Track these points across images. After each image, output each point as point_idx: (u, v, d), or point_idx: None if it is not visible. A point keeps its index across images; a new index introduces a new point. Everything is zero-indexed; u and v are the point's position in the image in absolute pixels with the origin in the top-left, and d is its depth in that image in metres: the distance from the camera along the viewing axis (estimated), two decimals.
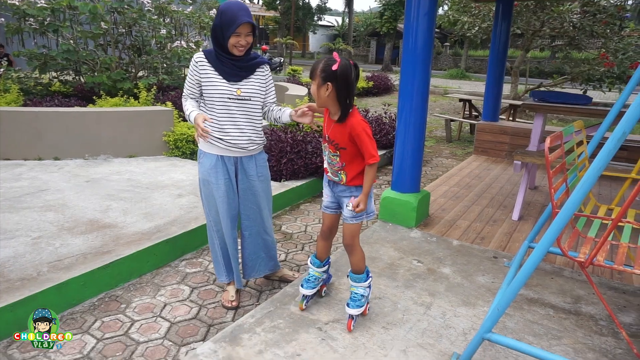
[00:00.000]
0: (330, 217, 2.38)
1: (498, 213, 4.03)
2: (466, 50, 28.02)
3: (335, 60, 2.00)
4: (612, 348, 2.23)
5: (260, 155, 2.59)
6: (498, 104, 6.34)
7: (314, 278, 2.45)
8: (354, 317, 2.29)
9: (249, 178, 2.54)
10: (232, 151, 2.43)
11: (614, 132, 1.51)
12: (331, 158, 2.19)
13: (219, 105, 2.36)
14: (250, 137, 2.45)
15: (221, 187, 2.46)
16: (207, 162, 2.45)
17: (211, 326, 2.51)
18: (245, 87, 2.40)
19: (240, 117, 2.40)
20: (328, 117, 2.18)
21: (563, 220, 1.64)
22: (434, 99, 14.36)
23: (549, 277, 2.91)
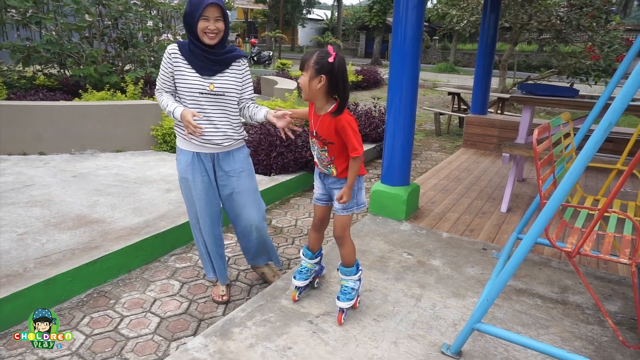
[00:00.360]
0: (321, 209, 2.38)
1: (487, 205, 4.06)
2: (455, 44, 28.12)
3: (330, 54, 1.98)
4: (599, 336, 2.27)
5: (239, 151, 2.47)
6: (486, 97, 6.38)
7: (306, 269, 2.47)
8: (344, 310, 2.29)
9: (228, 174, 2.44)
10: (207, 148, 2.34)
11: (600, 123, 1.53)
12: (320, 153, 2.19)
13: (190, 101, 2.25)
14: (226, 132, 2.34)
15: (198, 184, 2.39)
16: (183, 160, 2.37)
17: (202, 321, 2.50)
18: (219, 81, 2.27)
19: (213, 113, 2.29)
20: (314, 113, 2.15)
21: (551, 211, 1.66)
22: (423, 92, 14.40)
23: (537, 268, 2.95)
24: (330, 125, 2.07)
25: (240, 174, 2.46)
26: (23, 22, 6.65)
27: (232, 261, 3.15)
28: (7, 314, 2.36)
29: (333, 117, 2.05)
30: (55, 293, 2.59)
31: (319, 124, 2.11)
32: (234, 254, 3.26)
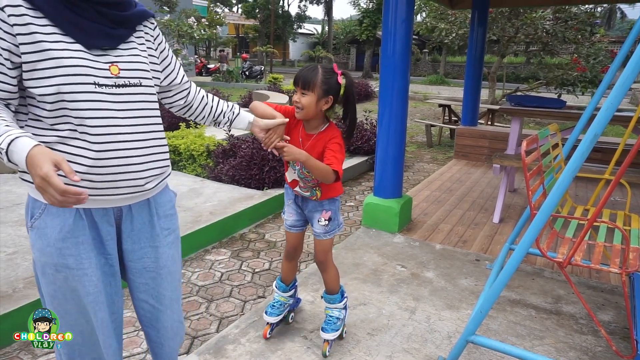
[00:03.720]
0: (296, 236, 2.19)
1: (479, 216, 4.09)
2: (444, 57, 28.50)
3: (335, 72, 1.83)
4: (592, 346, 2.27)
5: (164, 196, 1.43)
6: (476, 109, 6.46)
7: (279, 304, 2.26)
8: (330, 341, 2.15)
9: (149, 244, 1.39)
10: (111, 197, 1.25)
11: (586, 134, 1.55)
12: (305, 174, 1.96)
13: (73, 105, 1.16)
14: (148, 162, 1.30)
15: (91, 275, 1.27)
16: (52, 228, 1.22)
17: (195, 338, 2.47)
18: (126, 60, 1.25)
19: (124, 124, 1.23)
20: (303, 131, 1.93)
21: (541, 221, 1.68)
22: (414, 104, 14.54)
23: (530, 278, 2.96)
24: (321, 143, 1.89)
25: (166, 238, 1.43)
26: None
27: (226, 277, 3.13)
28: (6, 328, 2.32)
29: (319, 137, 1.89)
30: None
31: (310, 143, 1.91)
32: (227, 269, 3.24)
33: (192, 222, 3.60)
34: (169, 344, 1.54)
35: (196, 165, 5.17)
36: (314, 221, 2.08)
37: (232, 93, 13.66)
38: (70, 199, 1.01)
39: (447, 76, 27.74)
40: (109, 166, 1.21)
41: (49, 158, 1.00)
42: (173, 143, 5.36)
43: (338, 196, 2.08)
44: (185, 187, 4.53)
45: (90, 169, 1.19)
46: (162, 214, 1.41)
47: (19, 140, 1.04)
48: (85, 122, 1.17)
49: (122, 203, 1.30)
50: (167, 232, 1.43)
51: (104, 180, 1.21)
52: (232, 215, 3.80)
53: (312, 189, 2.01)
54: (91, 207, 1.25)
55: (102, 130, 1.19)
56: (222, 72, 20.44)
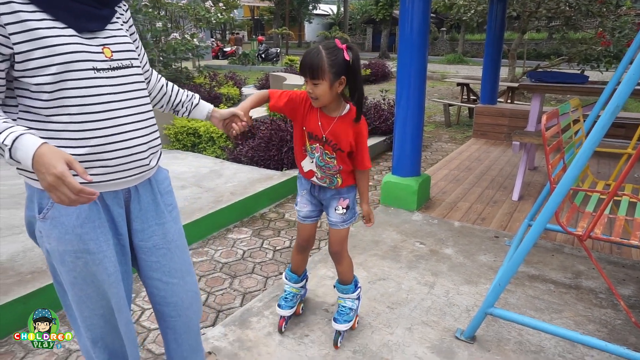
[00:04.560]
0: (310, 227, 2.09)
1: (498, 194, 4.07)
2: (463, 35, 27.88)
3: (339, 47, 1.67)
4: (612, 319, 2.28)
5: (160, 174, 1.49)
6: (496, 87, 6.36)
7: (291, 295, 2.20)
8: (342, 332, 2.09)
9: (156, 222, 1.43)
10: (122, 180, 1.30)
11: (608, 106, 1.55)
12: (326, 161, 1.85)
13: (75, 92, 1.16)
14: (149, 142, 1.35)
15: (110, 256, 1.32)
16: (69, 217, 1.24)
17: (220, 312, 2.57)
18: (116, 42, 1.26)
19: (124, 107, 1.26)
20: (321, 114, 1.81)
21: (560, 194, 1.69)
22: (432, 84, 14.34)
23: (549, 254, 2.96)
24: (348, 131, 1.80)
25: (171, 214, 1.49)
26: None
27: (248, 254, 3.21)
28: (32, 309, 2.44)
29: (344, 121, 1.79)
30: None
31: (332, 127, 1.79)
32: (249, 247, 3.32)
33: (214, 202, 3.69)
34: (185, 313, 1.57)
35: (216, 147, 5.25)
36: (331, 210, 1.98)
37: (249, 76, 13.68)
38: (82, 199, 1.02)
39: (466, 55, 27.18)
40: (116, 150, 1.23)
41: (61, 157, 1.01)
42: (193, 126, 5.45)
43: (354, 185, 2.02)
44: (206, 168, 4.62)
45: (102, 154, 1.21)
46: (163, 190, 1.47)
47: (24, 137, 1.03)
48: (86, 108, 1.17)
49: (131, 184, 1.34)
50: (170, 207, 1.49)
51: (114, 164, 1.25)
52: (252, 195, 3.87)
53: (333, 177, 1.90)
54: (103, 191, 1.27)
55: (104, 116, 1.21)
56: (239, 55, 20.43)
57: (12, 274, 2.60)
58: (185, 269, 1.55)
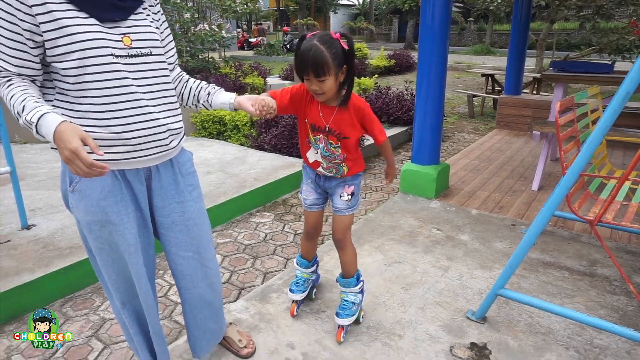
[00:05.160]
0: (316, 214, 2.11)
1: (518, 184, 4.09)
2: (491, 25, 27.26)
3: (335, 38, 1.66)
4: (624, 305, 2.32)
5: (183, 155, 1.60)
6: (520, 78, 6.29)
7: (302, 280, 2.24)
8: (344, 327, 2.08)
9: (176, 200, 1.55)
10: (142, 159, 1.41)
11: (618, 92, 1.59)
12: (331, 151, 1.87)
13: (96, 77, 1.27)
14: (168, 123, 1.44)
15: (130, 228, 1.45)
16: (94, 190, 1.37)
17: (242, 289, 2.71)
18: (136, 31, 1.35)
19: (142, 91, 1.36)
20: (322, 105, 1.82)
21: (571, 178, 1.74)
22: (457, 75, 14.18)
23: (566, 243, 2.99)
24: (347, 116, 1.80)
25: (191, 194, 1.60)
26: None
27: (270, 237, 3.34)
28: (71, 280, 2.64)
29: (342, 109, 1.79)
30: None
31: (334, 117, 1.80)
32: (271, 230, 3.45)
33: (238, 187, 3.83)
34: (200, 285, 1.69)
35: (240, 135, 5.40)
36: (336, 197, 2.00)
37: (274, 66, 13.81)
38: (94, 172, 1.13)
39: (494, 45, 26.61)
40: (135, 130, 1.35)
41: (76, 134, 1.12)
42: (219, 114, 5.61)
43: (361, 172, 2.02)
44: (231, 155, 4.77)
45: (122, 134, 1.33)
46: (185, 172, 1.57)
47: (48, 115, 1.15)
48: (106, 92, 1.29)
49: (151, 163, 1.44)
50: (191, 187, 1.60)
51: (135, 143, 1.36)
52: (274, 181, 4.00)
53: (338, 166, 1.91)
54: (124, 168, 1.40)
55: (124, 98, 1.31)
56: (264, 46, 20.58)
57: (52, 248, 2.80)
58: (202, 245, 1.65)
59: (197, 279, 1.68)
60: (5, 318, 2.38)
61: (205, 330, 1.81)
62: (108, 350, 2.16)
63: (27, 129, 1.18)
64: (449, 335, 2.09)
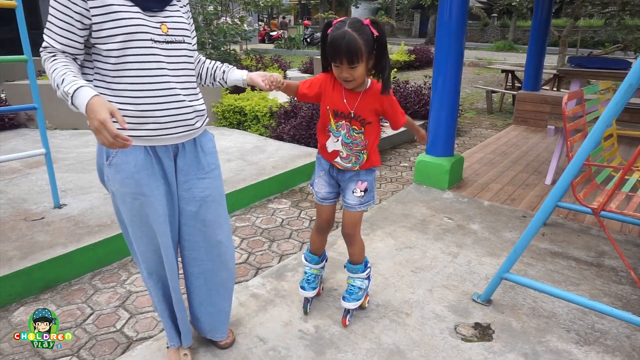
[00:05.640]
0: (329, 209, 2.09)
1: (532, 178, 4.14)
2: (514, 21, 26.85)
3: (366, 24, 1.66)
4: (628, 294, 2.39)
5: (206, 136, 1.73)
6: (539, 74, 6.28)
7: (313, 277, 2.21)
8: (350, 311, 2.13)
9: (197, 176, 1.68)
10: (171, 136, 1.55)
11: (622, 84, 1.67)
12: (353, 137, 1.87)
13: (136, 58, 1.42)
14: (194, 105, 1.59)
15: (160, 200, 1.58)
16: (128, 164, 1.50)
17: (259, 269, 2.85)
18: (172, 20, 1.51)
19: (175, 75, 1.52)
20: (344, 91, 1.83)
21: (576, 164, 1.82)
22: (477, 71, 14.09)
23: (575, 235, 3.05)
24: (373, 102, 1.82)
25: (212, 172, 1.73)
26: None
27: (286, 222, 3.47)
28: (100, 255, 2.82)
29: (369, 94, 1.82)
30: None
31: (359, 102, 1.82)
32: (287, 216, 3.58)
33: (257, 175, 3.98)
34: (215, 259, 1.79)
35: (260, 125, 5.55)
36: (348, 192, 1.98)
37: (294, 59, 13.93)
38: (118, 143, 1.22)
39: (517, 42, 26.20)
40: (166, 109, 1.49)
41: (106, 107, 1.22)
42: (239, 105, 5.76)
43: (376, 167, 2.01)
44: (250, 144, 4.92)
45: (154, 112, 1.47)
46: (207, 151, 1.70)
47: (83, 89, 1.26)
48: (143, 72, 1.43)
49: (177, 141, 1.58)
50: (212, 166, 1.72)
51: (166, 121, 1.50)
52: (292, 170, 4.13)
53: (359, 154, 1.90)
54: (156, 144, 1.53)
55: (158, 80, 1.45)
56: (284, 39, 20.72)
57: (83, 226, 2.99)
58: (217, 221, 1.76)
59: (213, 254, 1.78)
60: (41, 287, 2.57)
61: (219, 310, 1.88)
62: (134, 320, 2.33)
63: (64, 99, 1.30)
64: (455, 315, 2.20)
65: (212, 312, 1.88)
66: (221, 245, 1.79)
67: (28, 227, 2.96)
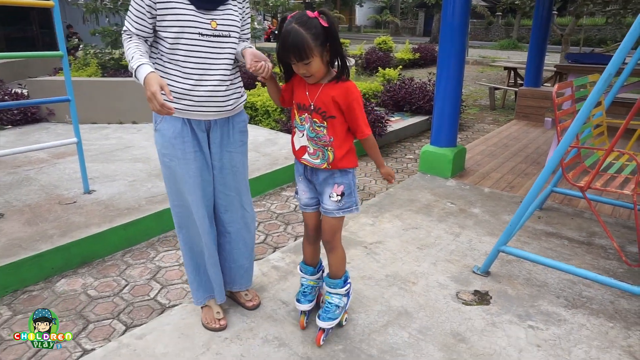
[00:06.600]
0: (314, 216, 1.99)
1: (531, 168, 4.37)
2: (519, 20, 27.02)
3: (313, 17, 1.61)
4: (615, 268, 2.62)
5: (239, 116, 1.98)
6: (540, 71, 6.50)
7: (309, 289, 2.09)
8: (325, 330, 1.97)
9: (225, 150, 1.94)
10: (203, 113, 1.82)
11: (603, 73, 1.90)
12: (316, 130, 1.79)
13: (185, 47, 1.72)
14: (229, 89, 1.86)
15: (191, 163, 1.85)
16: (168, 130, 1.82)
17: (276, 248, 3.09)
18: (222, 17, 1.77)
19: (214, 63, 1.78)
20: (307, 85, 1.78)
21: (564, 145, 2.05)
22: (480, 69, 14.28)
23: (569, 218, 3.28)
24: (333, 94, 1.73)
25: (240, 147, 1.99)
26: (115, 10, 7.56)
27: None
28: (130, 234, 3.08)
29: (337, 82, 1.74)
30: (163, 223, 3.27)
31: (319, 94, 1.75)
32: None
33: (270, 164, 4.22)
34: (239, 221, 2.09)
35: (271, 120, 5.79)
36: (325, 196, 1.88)
37: None
38: (164, 110, 1.56)
39: (522, 40, 26.36)
40: (203, 92, 1.77)
41: (157, 82, 1.56)
42: (250, 100, 6.00)
43: (352, 168, 1.88)
44: (263, 137, 5.17)
45: (190, 92, 1.76)
46: (238, 129, 1.97)
47: (143, 66, 1.62)
48: (189, 59, 1.74)
49: (210, 118, 1.85)
50: (240, 143, 2.00)
51: (200, 100, 1.78)
52: None
53: (324, 149, 1.80)
54: (191, 118, 1.82)
55: (200, 66, 1.75)
56: None
57: (113, 209, 3.25)
58: (241, 189, 2.06)
59: (236, 216, 2.08)
60: (79, 262, 2.83)
61: (239, 265, 2.18)
62: (165, 290, 2.58)
63: (132, 73, 1.66)
64: (456, 284, 2.44)
65: (233, 267, 2.17)
66: (244, 212, 2.10)
67: (63, 210, 3.22)
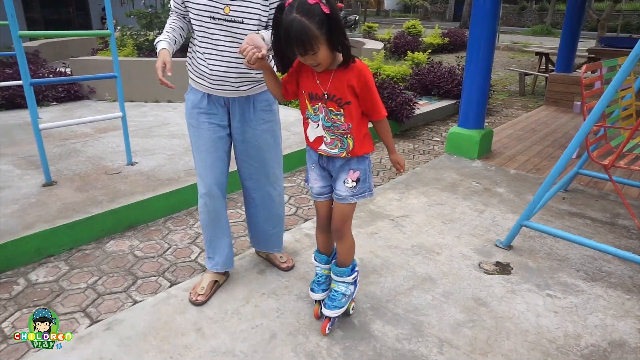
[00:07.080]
0: (326, 204, 1.94)
1: (558, 152, 4.40)
2: (553, 4, 26.19)
3: (314, 3, 1.50)
4: (636, 247, 2.69)
5: (261, 96, 2.06)
6: (572, 56, 6.41)
7: (323, 278, 2.06)
8: (331, 318, 1.96)
9: (247, 126, 2.07)
10: (218, 90, 1.97)
11: (630, 54, 1.97)
12: (333, 120, 1.70)
13: (198, 28, 1.89)
14: (242, 73, 1.93)
15: (203, 132, 2.03)
16: (189, 100, 2.05)
17: (307, 220, 3.27)
18: (238, 4, 1.83)
19: (226, 46, 1.88)
20: (317, 73, 1.68)
21: (589, 123, 2.13)
22: (511, 55, 14.03)
23: (594, 200, 3.34)
24: (347, 78, 1.64)
25: (261, 125, 2.08)
26: None
27: None
28: (172, 203, 3.30)
29: (347, 67, 1.63)
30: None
31: (332, 81, 1.66)
32: None
33: (300, 143, 4.38)
34: (262, 189, 2.23)
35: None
36: (339, 182, 1.81)
37: None
38: (163, 84, 1.77)
39: (556, 26, 25.57)
40: (214, 71, 1.91)
41: (162, 59, 1.80)
42: None
43: (368, 154, 1.82)
44: (292, 117, 5.33)
45: (205, 71, 1.93)
46: (260, 108, 2.07)
47: (161, 42, 1.88)
48: (202, 40, 1.89)
49: (227, 95, 2.00)
50: (262, 121, 2.09)
51: (214, 81, 1.94)
52: None
53: (343, 137, 1.73)
54: (210, 93, 1.99)
55: (213, 48, 1.89)
56: None
57: (154, 179, 3.47)
58: (264, 161, 2.17)
59: (260, 183, 2.21)
60: (125, 226, 3.07)
61: (262, 231, 2.34)
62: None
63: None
64: (479, 255, 2.56)
65: (259, 230, 2.37)
66: (268, 181, 2.22)
67: (109, 179, 3.46)
